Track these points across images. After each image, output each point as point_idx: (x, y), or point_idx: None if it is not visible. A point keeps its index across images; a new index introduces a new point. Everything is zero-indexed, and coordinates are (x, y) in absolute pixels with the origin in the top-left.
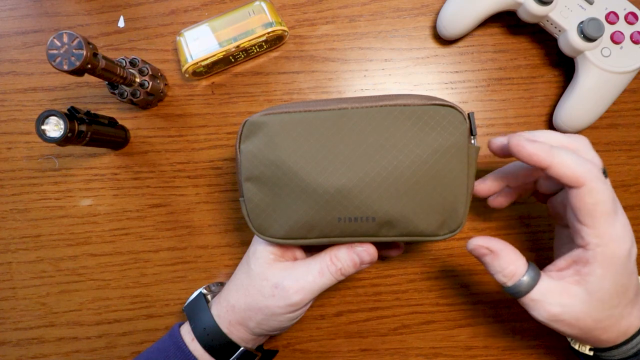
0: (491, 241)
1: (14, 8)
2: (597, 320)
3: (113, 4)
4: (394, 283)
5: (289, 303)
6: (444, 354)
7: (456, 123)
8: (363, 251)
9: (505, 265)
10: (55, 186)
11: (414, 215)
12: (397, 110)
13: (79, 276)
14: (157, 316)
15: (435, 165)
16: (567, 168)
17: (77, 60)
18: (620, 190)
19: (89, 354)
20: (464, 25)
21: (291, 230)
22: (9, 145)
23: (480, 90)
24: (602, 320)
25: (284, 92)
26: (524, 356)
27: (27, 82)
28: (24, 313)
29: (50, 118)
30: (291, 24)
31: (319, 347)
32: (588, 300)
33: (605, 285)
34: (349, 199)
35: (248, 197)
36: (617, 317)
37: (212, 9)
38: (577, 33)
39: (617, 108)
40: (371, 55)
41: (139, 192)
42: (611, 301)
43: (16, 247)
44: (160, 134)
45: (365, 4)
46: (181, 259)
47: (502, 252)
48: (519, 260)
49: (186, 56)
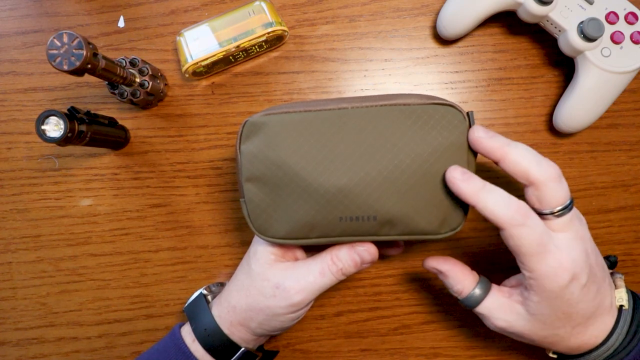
0: (440, 262)
1: (14, 8)
2: (542, 337)
3: (113, 4)
4: (394, 283)
5: (291, 303)
6: (444, 354)
7: (456, 122)
8: (364, 251)
9: (453, 283)
10: (55, 186)
11: (415, 214)
12: (397, 109)
13: (79, 276)
14: (157, 316)
15: (435, 163)
16: (490, 211)
17: (77, 60)
18: (620, 190)
19: (89, 354)
20: (464, 25)
21: (292, 230)
22: (9, 145)
23: (480, 90)
24: (547, 337)
25: (284, 92)
26: (524, 356)
27: (27, 82)
28: (24, 313)
29: (50, 118)
30: (291, 24)
31: (319, 347)
32: (530, 319)
33: (544, 311)
34: (350, 199)
35: (249, 198)
36: (563, 335)
37: (212, 9)
38: (577, 33)
39: (617, 108)
40: (371, 55)
41: (139, 192)
42: (553, 324)
43: (16, 247)
44: (160, 134)
45: (365, 4)
46: (181, 259)
47: (449, 272)
48: (467, 279)
49: (186, 56)
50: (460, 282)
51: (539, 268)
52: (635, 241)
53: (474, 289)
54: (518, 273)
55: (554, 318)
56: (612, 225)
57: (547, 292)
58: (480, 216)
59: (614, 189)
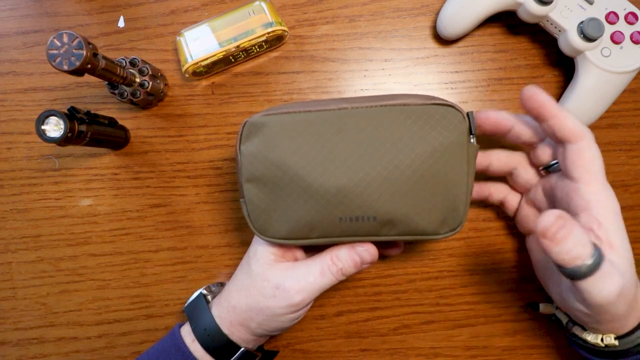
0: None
1: (14, 8)
2: (633, 284)
3: (113, 4)
4: (394, 283)
5: (291, 303)
6: (444, 354)
7: (455, 122)
8: (364, 251)
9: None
10: (55, 186)
11: (414, 214)
12: (397, 109)
13: (79, 276)
14: (157, 316)
15: (435, 164)
16: (570, 121)
17: (77, 60)
18: (620, 190)
19: (89, 354)
20: (464, 25)
21: (292, 230)
22: (9, 145)
23: (480, 90)
24: (634, 284)
25: (284, 92)
26: (524, 356)
27: (27, 82)
28: (24, 313)
29: (50, 118)
30: (291, 24)
31: (319, 347)
32: (629, 265)
33: (618, 239)
34: (350, 199)
35: (249, 198)
36: (634, 283)
37: (212, 9)
38: (577, 33)
39: (617, 108)
40: (371, 55)
41: (139, 192)
42: (629, 255)
43: (16, 247)
44: (160, 134)
45: (365, 4)
46: (181, 259)
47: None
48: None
49: (186, 56)
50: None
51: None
52: (635, 241)
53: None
54: None
55: (626, 247)
56: None
57: (614, 212)
58: (481, 216)
59: (614, 189)
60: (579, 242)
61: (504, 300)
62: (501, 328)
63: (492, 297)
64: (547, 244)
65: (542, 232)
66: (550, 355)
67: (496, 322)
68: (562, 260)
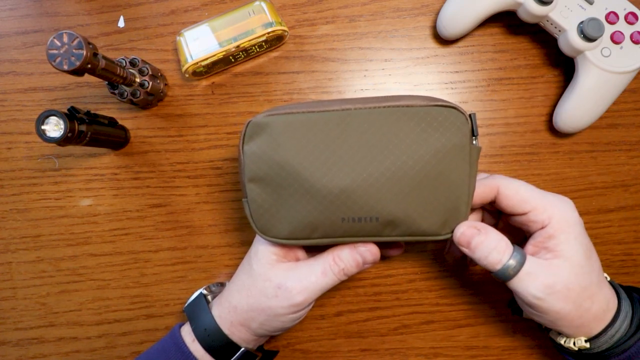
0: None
1: (14, 8)
2: (583, 287)
3: (113, 4)
4: (394, 283)
5: (292, 303)
6: (444, 354)
7: (458, 124)
8: (366, 251)
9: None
10: (55, 186)
11: (417, 215)
12: (400, 111)
13: (79, 276)
14: (157, 316)
15: (437, 165)
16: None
17: (77, 60)
18: (620, 190)
19: (89, 354)
20: (464, 25)
21: (295, 230)
22: (9, 145)
23: (480, 90)
24: (587, 287)
25: (284, 92)
26: (524, 356)
27: (27, 82)
28: (24, 313)
29: (50, 118)
30: (291, 24)
31: (319, 347)
32: (569, 266)
33: (575, 247)
34: (352, 200)
35: (251, 198)
36: (596, 283)
37: (212, 9)
38: (577, 33)
39: (617, 108)
40: (371, 55)
41: (139, 192)
42: (587, 263)
43: (16, 247)
44: (160, 134)
45: (365, 4)
46: (181, 259)
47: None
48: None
49: (186, 56)
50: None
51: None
52: (635, 241)
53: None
54: None
55: (584, 255)
56: (612, 225)
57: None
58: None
59: (614, 189)
60: (493, 248)
61: (504, 300)
62: (501, 328)
63: (492, 297)
64: (466, 251)
65: (457, 242)
66: (550, 356)
67: (496, 322)
68: (485, 266)
